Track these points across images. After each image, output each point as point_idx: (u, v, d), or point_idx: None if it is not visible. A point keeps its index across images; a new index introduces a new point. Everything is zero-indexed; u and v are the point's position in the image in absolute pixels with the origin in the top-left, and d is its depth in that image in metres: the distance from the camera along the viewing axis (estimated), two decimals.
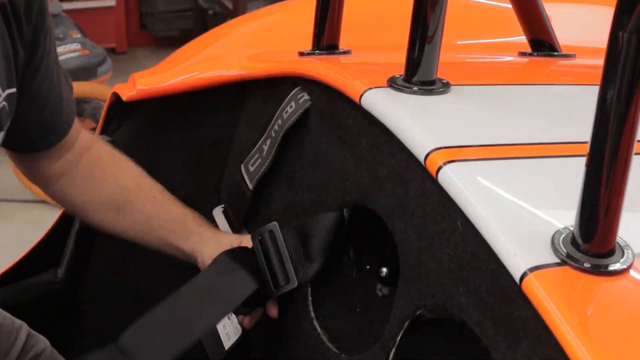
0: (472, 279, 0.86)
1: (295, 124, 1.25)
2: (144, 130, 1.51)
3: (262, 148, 1.31)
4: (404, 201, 1.01)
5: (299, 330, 1.20)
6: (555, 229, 0.80)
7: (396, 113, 1.04)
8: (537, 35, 1.42)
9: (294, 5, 1.84)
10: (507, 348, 0.80)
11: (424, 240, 0.96)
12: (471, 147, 0.97)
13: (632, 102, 0.70)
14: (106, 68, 3.62)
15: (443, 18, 1.08)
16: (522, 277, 0.76)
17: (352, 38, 1.39)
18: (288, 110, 1.26)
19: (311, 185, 1.24)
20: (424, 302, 0.96)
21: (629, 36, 0.68)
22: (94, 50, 3.58)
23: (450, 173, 0.90)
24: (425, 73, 1.11)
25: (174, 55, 1.68)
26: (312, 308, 1.19)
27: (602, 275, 0.77)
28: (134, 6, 4.72)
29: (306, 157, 1.26)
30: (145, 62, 4.46)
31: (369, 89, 1.10)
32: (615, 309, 0.77)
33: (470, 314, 0.87)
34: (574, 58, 1.44)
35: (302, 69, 1.29)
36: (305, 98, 1.24)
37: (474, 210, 0.85)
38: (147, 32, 4.81)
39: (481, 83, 1.26)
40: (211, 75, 1.46)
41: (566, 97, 1.24)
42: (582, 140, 0.76)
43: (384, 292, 1.21)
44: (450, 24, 1.11)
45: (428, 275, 0.95)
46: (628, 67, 0.69)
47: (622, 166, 0.73)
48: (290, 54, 1.38)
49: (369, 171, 1.09)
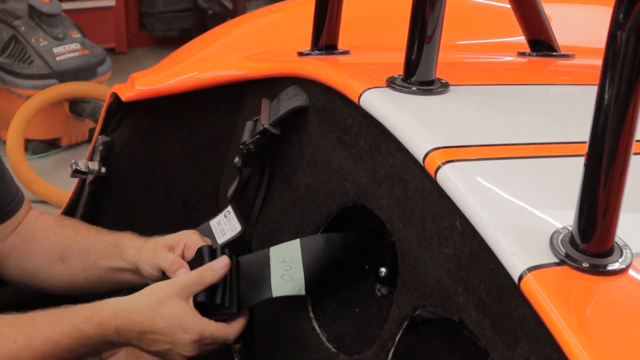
0: (471, 278, 0.86)
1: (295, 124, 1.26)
2: (144, 131, 1.51)
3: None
4: (403, 201, 1.01)
5: (298, 330, 1.20)
6: (553, 229, 0.80)
7: (395, 113, 1.04)
8: (536, 36, 1.42)
9: (293, 5, 1.84)
10: (506, 347, 0.80)
11: (423, 240, 0.96)
12: (470, 147, 0.97)
13: (630, 101, 0.70)
14: (106, 68, 3.62)
15: (442, 18, 1.08)
16: (521, 276, 0.76)
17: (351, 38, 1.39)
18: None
19: (310, 185, 1.24)
20: (423, 302, 0.96)
21: (627, 36, 0.69)
22: (93, 50, 3.58)
23: (449, 173, 0.90)
24: (424, 73, 1.11)
25: (174, 55, 1.68)
26: (311, 308, 1.19)
27: (600, 275, 0.77)
28: (134, 6, 4.71)
29: (305, 157, 1.26)
30: (145, 62, 4.45)
31: (368, 89, 1.10)
32: (613, 308, 0.77)
33: (468, 313, 0.87)
34: (572, 58, 1.44)
35: (301, 69, 1.29)
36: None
37: (473, 210, 0.85)
38: (146, 32, 4.80)
39: (480, 83, 1.26)
40: (210, 76, 1.46)
41: (565, 97, 1.24)
42: (581, 140, 0.76)
43: (382, 292, 1.21)
44: (449, 24, 1.11)
45: (427, 275, 0.95)
46: (626, 67, 0.69)
47: (621, 166, 0.73)
48: (289, 54, 1.38)
49: (368, 171, 1.09)
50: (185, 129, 1.53)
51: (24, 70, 3.41)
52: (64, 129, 3.56)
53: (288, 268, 1.15)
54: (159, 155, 1.54)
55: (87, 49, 3.56)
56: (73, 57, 3.49)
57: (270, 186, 1.35)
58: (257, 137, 1.28)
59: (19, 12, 3.54)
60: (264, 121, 1.28)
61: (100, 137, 1.50)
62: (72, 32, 3.57)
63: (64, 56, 3.47)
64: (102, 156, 1.49)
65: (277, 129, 1.28)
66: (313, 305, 1.19)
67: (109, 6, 4.53)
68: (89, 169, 1.49)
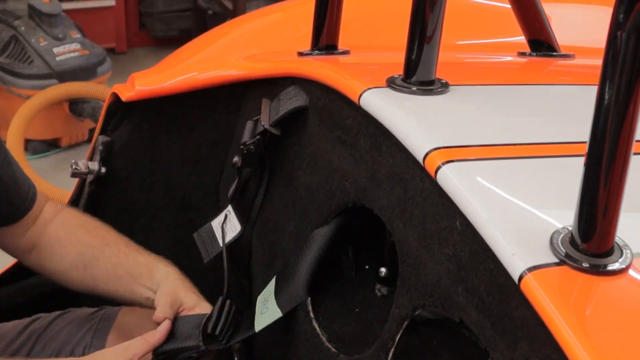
0: (471, 278, 0.86)
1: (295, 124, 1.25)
2: (143, 131, 1.51)
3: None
4: (403, 201, 1.01)
5: (298, 330, 1.20)
6: (553, 229, 0.80)
7: (395, 113, 1.04)
8: (536, 36, 1.42)
9: (293, 5, 1.84)
10: (506, 348, 0.80)
11: (423, 240, 0.96)
12: (470, 147, 0.97)
13: (630, 101, 0.70)
14: (106, 68, 3.62)
15: (442, 18, 1.08)
16: (521, 276, 0.76)
17: (351, 38, 1.39)
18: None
19: (310, 185, 1.24)
20: (423, 302, 0.96)
21: (627, 35, 0.68)
22: (93, 50, 3.58)
23: (449, 173, 0.90)
24: (424, 73, 1.11)
25: (173, 55, 1.68)
26: (311, 308, 1.19)
27: (600, 275, 0.77)
28: (134, 6, 4.72)
29: (305, 157, 1.26)
30: (145, 62, 4.46)
31: (368, 89, 1.10)
32: (613, 308, 0.77)
33: (468, 313, 0.87)
34: (572, 58, 1.44)
35: (301, 69, 1.29)
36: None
37: (473, 210, 0.85)
38: (146, 32, 4.81)
39: (480, 83, 1.26)
40: (210, 76, 1.46)
41: (565, 97, 1.24)
42: (581, 140, 0.76)
43: (382, 292, 1.21)
44: (449, 24, 1.11)
45: (427, 275, 0.95)
46: (626, 67, 0.69)
47: (621, 166, 0.73)
48: (289, 54, 1.38)
49: (368, 171, 1.09)
50: (185, 129, 1.53)
51: (24, 70, 3.41)
52: (64, 129, 3.56)
53: (265, 302, 1.20)
54: (159, 155, 1.54)
55: (87, 49, 3.56)
56: (73, 57, 3.49)
57: (270, 186, 1.35)
58: (257, 138, 1.28)
59: (19, 12, 3.55)
60: (264, 122, 1.28)
61: (100, 137, 1.50)
62: (72, 32, 3.57)
63: (64, 56, 3.47)
64: (102, 156, 1.49)
65: (278, 129, 1.29)
66: (313, 305, 1.19)
67: (109, 6, 4.54)
68: (89, 169, 1.49)
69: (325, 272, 1.21)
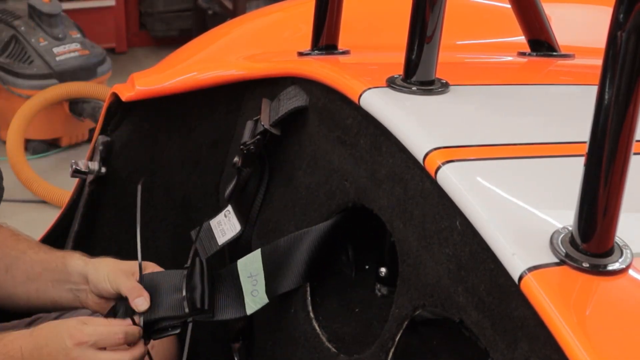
0: (471, 278, 0.86)
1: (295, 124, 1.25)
2: (143, 131, 1.51)
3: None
4: (403, 201, 1.01)
5: (298, 330, 1.20)
6: (554, 229, 0.80)
7: (395, 113, 1.04)
8: (536, 36, 1.42)
9: (293, 5, 1.84)
10: (506, 347, 0.80)
11: (423, 240, 0.96)
12: (470, 147, 0.97)
13: (630, 101, 0.70)
14: (106, 68, 3.62)
15: (442, 18, 1.08)
16: (521, 276, 0.76)
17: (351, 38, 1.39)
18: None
19: (310, 185, 1.24)
20: (423, 302, 0.96)
21: (627, 36, 0.69)
22: (93, 50, 3.58)
23: (449, 173, 0.90)
24: (424, 73, 1.11)
25: (173, 55, 1.68)
26: (311, 308, 1.19)
27: (600, 275, 0.77)
28: (134, 6, 4.71)
29: (305, 157, 1.26)
30: (145, 62, 4.45)
31: (368, 89, 1.10)
32: (613, 308, 0.77)
33: (469, 313, 0.87)
34: (572, 58, 1.44)
35: (301, 69, 1.29)
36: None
37: (473, 210, 0.85)
38: (146, 32, 4.80)
39: (480, 83, 1.26)
40: (210, 76, 1.46)
41: (565, 97, 1.24)
42: (581, 140, 0.76)
43: (382, 292, 1.21)
44: (450, 24, 1.11)
45: (427, 275, 0.95)
46: (626, 67, 0.69)
47: (621, 166, 0.73)
48: (289, 54, 1.38)
49: (368, 171, 1.09)
50: (185, 129, 1.53)
51: (24, 70, 3.41)
52: (64, 129, 3.55)
53: (254, 283, 1.20)
54: (159, 155, 1.54)
55: (87, 49, 3.56)
56: (73, 57, 3.49)
57: (270, 186, 1.35)
58: (257, 138, 1.28)
59: (19, 12, 3.54)
60: (264, 122, 1.28)
61: (100, 137, 1.50)
62: (72, 32, 3.57)
63: (64, 56, 3.47)
64: (102, 156, 1.48)
65: (278, 129, 1.29)
66: (313, 305, 1.19)
67: (109, 6, 4.53)
68: (89, 169, 1.48)
69: (325, 272, 1.21)
